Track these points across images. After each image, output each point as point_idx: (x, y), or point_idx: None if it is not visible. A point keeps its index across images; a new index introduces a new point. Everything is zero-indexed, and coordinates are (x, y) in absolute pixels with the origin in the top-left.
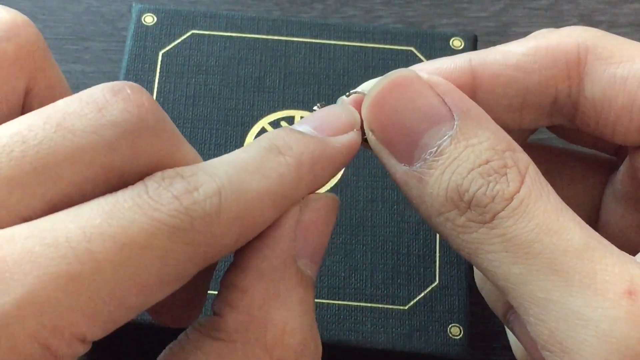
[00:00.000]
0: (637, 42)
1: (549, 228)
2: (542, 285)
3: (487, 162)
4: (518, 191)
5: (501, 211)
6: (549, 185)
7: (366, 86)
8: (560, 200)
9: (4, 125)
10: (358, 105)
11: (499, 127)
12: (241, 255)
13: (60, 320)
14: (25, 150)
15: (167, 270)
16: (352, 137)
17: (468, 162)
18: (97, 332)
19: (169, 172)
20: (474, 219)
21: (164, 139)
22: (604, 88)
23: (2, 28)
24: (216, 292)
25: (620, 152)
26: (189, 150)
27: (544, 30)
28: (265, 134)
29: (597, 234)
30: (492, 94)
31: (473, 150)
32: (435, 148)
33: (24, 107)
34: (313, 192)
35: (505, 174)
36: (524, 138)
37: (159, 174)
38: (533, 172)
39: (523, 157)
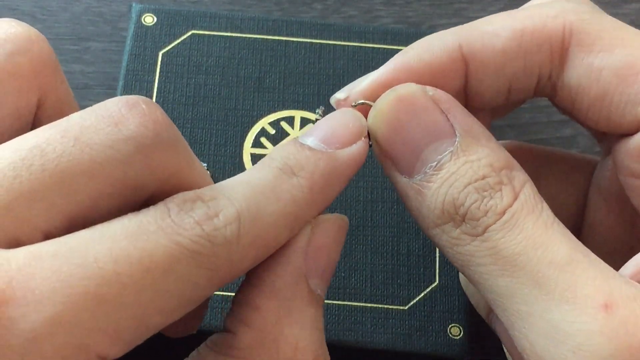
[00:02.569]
0: (625, 26)
1: (536, 241)
2: (526, 299)
3: (484, 177)
4: (510, 206)
5: (492, 224)
6: (544, 202)
7: (353, 86)
8: (554, 216)
9: (20, 138)
10: (364, 113)
11: (499, 145)
12: (254, 273)
13: (87, 339)
14: (44, 163)
15: (186, 293)
16: (360, 148)
17: (465, 177)
18: (118, 350)
19: (189, 194)
20: (467, 232)
21: (177, 154)
22: (580, 76)
23: (17, 42)
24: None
25: (606, 136)
26: (199, 165)
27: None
28: (276, 150)
29: (584, 247)
30: (482, 80)
31: (471, 166)
32: (436, 162)
33: (34, 121)
34: (324, 208)
35: (500, 190)
36: (510, 109)
37: (179, 196)
38: (528, 190)
39: (520, 176)
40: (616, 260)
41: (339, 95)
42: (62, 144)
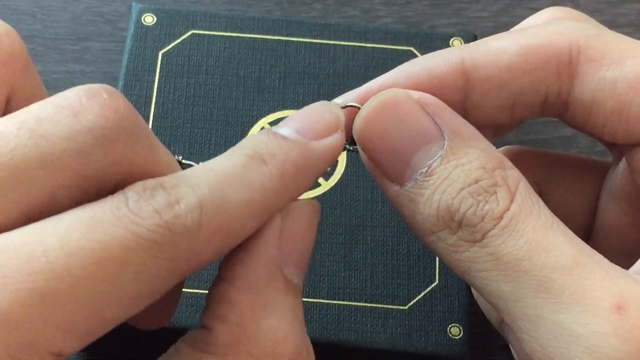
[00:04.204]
0: (631, 40)
1: (538, 245)
2: (533, 303)
3: (477, 181)
4: (508, 209)
5: (491, 230)
6: (541, 200)
7: (350, 96)
8: (552, 215)
9: None
10: (351, 117)
11: (489, 144)
12: (227, 267)
13: (35, 336)
14: None
15: (145, 285)
16: (335, 141)
17: (458, 182)
18: (73, 345)
19: (150, 182)
20: (465, 239)
21: (140, 144)
22: (593, 91)
23: None
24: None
25: (616, 144)
26: (165, 155)
27: (539, 18)
28: (248, 139)
29: (588, 248)
30: (485, 95)
31: (463, 170)
32: (426, 168)
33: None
34: (295, 198)
35: (495, 193)
36: (512, 128)
37: (140, 184)
38: (523, 189)
39: (513, 174)
40: (627, 262)
41: (337, 101)
42: (17, 137)
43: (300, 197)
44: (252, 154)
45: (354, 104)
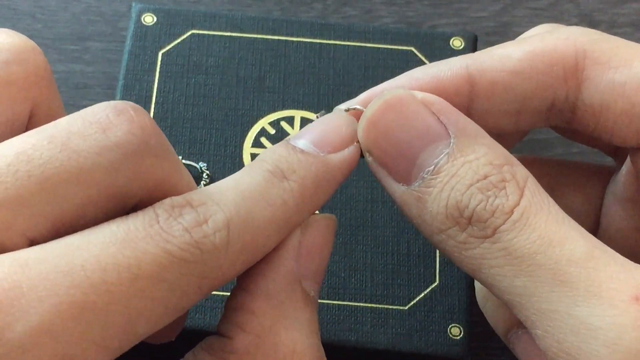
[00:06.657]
0: (635, 44)
1: (551, 239)
2: (547, 297)
3: (486, 177)
4: (518, 204)
5: (502, 225)
6: (549, 196)
7: (361, 99)
8: (562, 210)
9: (6, 143)
10: (357, 119)
11: (495, 142)
12: (246, 278)
13: (73, 348)
14: (30, 170)
15: (174, 301)
16: (352, 154)
17: (466, 178)
18: (105, 359)
19: (177, 200)
20: (475, 235)
21: (164, 161)
22: (602, 93)
23: (13, 52)
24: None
25: (619, 151)
26: (186, 172)
27: (542, 29)
28: (267, 152)
29: (600, 242)
30: (490, 100)
31: (471, 167)
32: (433, 166)
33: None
34: (314, 212)
35: (504, 188)
36: (517, 140)
37: (168, 202)
38: (532, 185)
39: (521, 171)
40: None
41: (341, 107)
42: (48, 150)
43: None
44: (273, 170)
45: (357, 106)
